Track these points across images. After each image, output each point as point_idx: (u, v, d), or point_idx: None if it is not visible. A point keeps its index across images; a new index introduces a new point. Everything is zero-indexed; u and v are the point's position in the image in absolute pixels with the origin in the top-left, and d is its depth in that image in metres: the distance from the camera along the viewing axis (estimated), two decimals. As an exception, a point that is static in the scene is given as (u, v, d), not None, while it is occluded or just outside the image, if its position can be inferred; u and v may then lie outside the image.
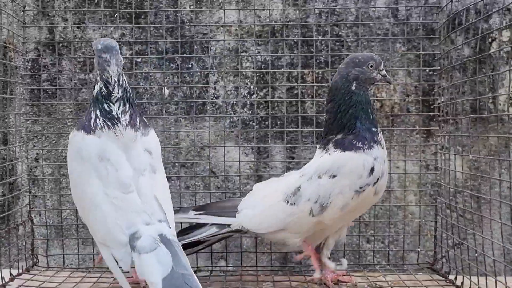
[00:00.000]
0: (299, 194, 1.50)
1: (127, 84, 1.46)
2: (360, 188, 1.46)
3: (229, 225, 1.62)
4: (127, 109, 1.44)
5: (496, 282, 1.37)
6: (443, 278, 1.68)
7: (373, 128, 1.50)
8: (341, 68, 1.56)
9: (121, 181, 1.36)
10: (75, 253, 1.99)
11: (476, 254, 1.54)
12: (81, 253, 1.99)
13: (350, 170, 1.45)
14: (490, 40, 1.98)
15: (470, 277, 1.51)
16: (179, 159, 2.00)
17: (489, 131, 1.97)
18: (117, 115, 1.42)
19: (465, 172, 1.92)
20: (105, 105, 1.42)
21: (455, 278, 1.63)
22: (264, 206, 1.57)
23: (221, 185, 2.00)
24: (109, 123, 1.40)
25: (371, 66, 1.51)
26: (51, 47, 2.00)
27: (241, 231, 1.64)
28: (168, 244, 1.29)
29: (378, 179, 1.48)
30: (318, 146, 1.61)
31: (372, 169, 1.46)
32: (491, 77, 1.97)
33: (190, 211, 1.69)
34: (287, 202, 1.51)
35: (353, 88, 1.52)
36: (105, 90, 1.41)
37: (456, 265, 1.66)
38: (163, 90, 2.00)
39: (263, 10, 1.98)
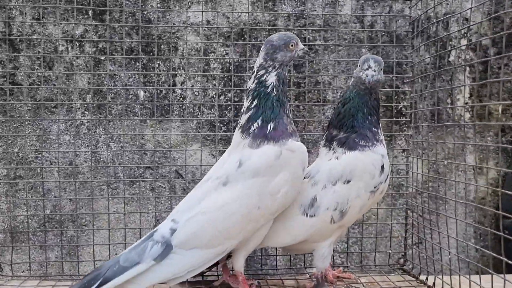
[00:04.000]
0: (316, 205, 1.47)
1: (267, 82, 1.41)
2: (375, 187, 1.48)
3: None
4: (250, 108, 1.42)
5: (470, 282, 1.40)
6: (414, 279, 1.73)
7: (373, 128, 1.52)
8: None
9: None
10: (41, 260, 1.90)
11: (449, 256, 1.59)
12: (43, 260, 1.90)
13: (362, 172, 1.46)
14: (450, 48, 2.07)
15: (443, 277, 1.55)
16: (144, 161, 1.95)
17: (448, 135, 2.06)
18: (242, 111, 1.46)
19: (432, 175, 1.99)
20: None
21: (426, 278, 1.67)
22: (283, 222, 1.49)
23: (187, 187, 1.97)
24: None
25: (358, 66, 1.53)
26: (7, 42, 1.89)
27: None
28: None
29: (388, 175, 1.51)
30: (322, 143, 1.60)
31: (382, 167, 1.49)
32: (450, 83, 2.06)
33: None
34: (306, 215, 1.47)
35: (350, 85, 1.56)
36: None
37: (428, 265, 1.71)
38: (138, 92, 1.94)
39: (232, 12, 1.97)
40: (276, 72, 1.41)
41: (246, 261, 1.93)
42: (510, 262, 1.23)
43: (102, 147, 1.94)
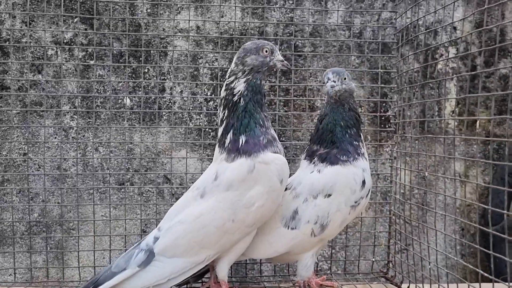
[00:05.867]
0: (297, 217, 1.48)
1: (234, 89, 1.40)
2: (355, 202, 1.48)
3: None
4: (223, 120, 1.42)
5: None
6: (396, 287, 1.74)
7: (354, 142, 1.52)
8: None
9: None
10: (20, 267, 1.90)
11: (430, 266, 1.60)
12: (29, 264, 1.90)
13: (343, 186, 1.47)
14: (437, 56, 2.09)
15: (423, 286, 1.57)
16: (132, 166, 1.96)
17: (434, 143, 2.08)
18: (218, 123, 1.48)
19: (416, 185, 2.01)
20: None
21: (408, 287, 1.68)
22: (265, 234, 1.51)
23: (175, 192, 1.98)
24: None
25: (327, 79, 1.52)
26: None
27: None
28: None
29: (369, 190, 1.52)
30: (303, 156, 1.61)
31: (364, 182, 1.49)
32: (437, 91, 2.08)
33: None
34: (288, 227, 1.48)
35: (324, 102, 1.57)
36: None
37: (409, 273, 1.73)
38: (124, 100, 1.94)
39: (219, 21, 1.98)
40: (245, 78, 1.38)
41: (234, 267, 1.95)
42: (485, 274, 1.25)
43: (91, 152, 1.94)
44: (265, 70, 1.40)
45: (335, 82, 1.49)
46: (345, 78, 1.51)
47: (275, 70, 1.44)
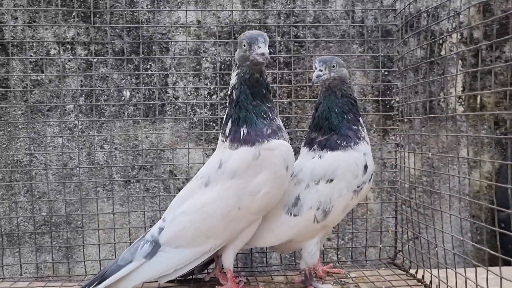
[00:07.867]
0: (300, 204, 1.46)
1: (230, 82, 1.40)
2: (358, 187, 1.46)
3: None
4: (226, 110, 1.42)
5: (456, 274, 1.41)
6: (404, 272, 1.73)
7: (353, 126, 1.50)
8: None
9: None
10: (31, 262, 1.91)
11: (436, 249, 1.59)
12: (38, 262, 1.91)
13: (345, 171, 1.45)
14: (441, 42, 2.07)
15: (431, 270, 1.55)
16: (138, 162, 1.96)
17: (441, 129, 2.06)
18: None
19: (424, 169, 1.99)
20: None
21: (416, 272, 1.67)
22: (267, 222, 1.48)
23: (181, 187, 1.97)
24: None
25: (314, 68, 1.51)
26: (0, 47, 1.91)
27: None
28: None
29: (372, 175, 1.50)
30: (303, 143, 1.59)
31: (366, 166, 1.47)
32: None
33: None
34: (290, 214, 1.47)
35: (321, 88, 1.56)
36: None
37: (417, 258, 1.72)
38: (124, 92, 1.95)
39: (222, 11, 1.98)
40: (236, 72, 1.37)
41: (242, 260, 1.94)
42: (505, 257, 1.22)
43: (96, 149, 1.95)
44: (248, 64, 1.33)
45: (321, 71, 1.47)
46: (333, 66, 1.49)
47: (259, 63, 1.32)
